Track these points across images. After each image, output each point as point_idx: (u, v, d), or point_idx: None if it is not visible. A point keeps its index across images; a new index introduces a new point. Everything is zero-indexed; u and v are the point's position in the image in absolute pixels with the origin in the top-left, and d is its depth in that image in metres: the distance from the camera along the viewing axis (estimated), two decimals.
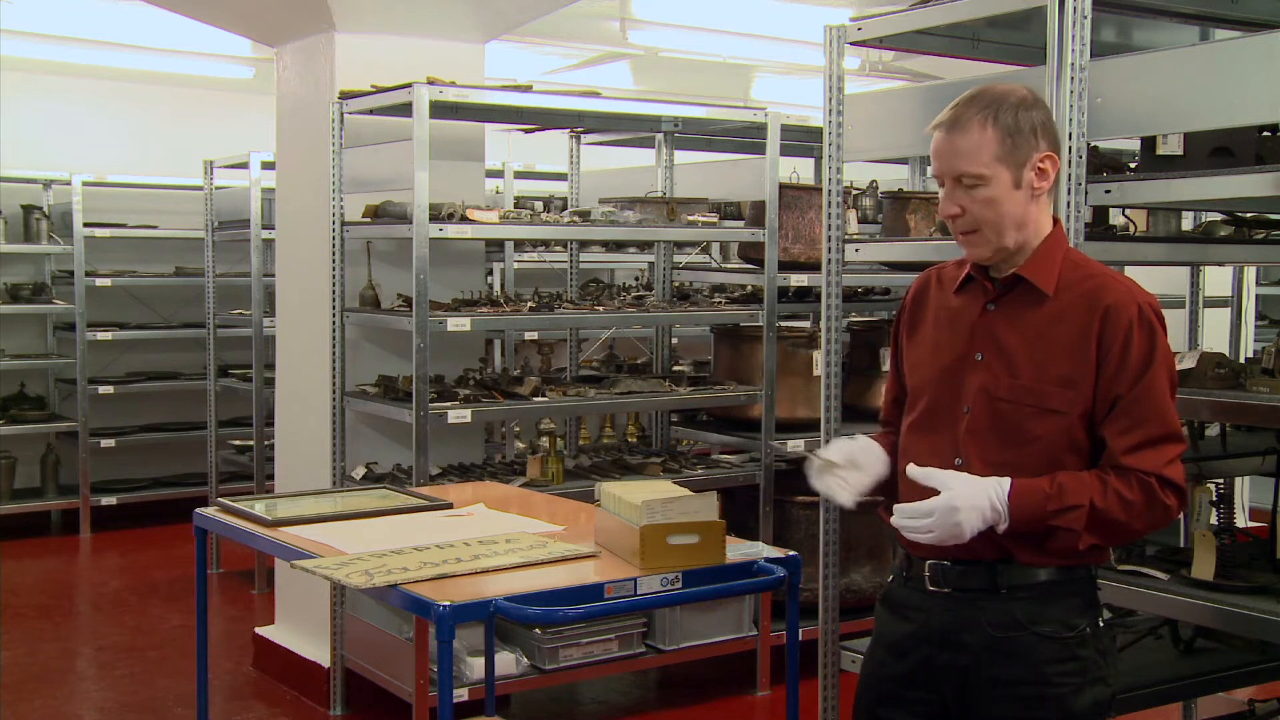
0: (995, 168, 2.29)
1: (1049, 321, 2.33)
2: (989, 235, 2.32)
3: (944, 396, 2.41)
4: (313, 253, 5.12)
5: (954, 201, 2.33)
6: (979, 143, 2.29)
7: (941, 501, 2.24)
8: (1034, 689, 2.31)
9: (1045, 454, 2.30)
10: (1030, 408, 2.31)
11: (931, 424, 2.43)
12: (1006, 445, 2.32)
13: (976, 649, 2.34)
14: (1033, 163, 2.31)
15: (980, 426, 2.35)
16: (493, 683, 3.89)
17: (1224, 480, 3.48)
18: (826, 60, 3.55)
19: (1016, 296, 2.37)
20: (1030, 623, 2.32)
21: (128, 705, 5.07)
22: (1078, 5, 2.90)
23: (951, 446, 2.38)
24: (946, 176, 2.33)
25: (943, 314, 2.47)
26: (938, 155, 2.34)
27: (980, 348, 2.38)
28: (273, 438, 5.68)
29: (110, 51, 7.66)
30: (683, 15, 7.10)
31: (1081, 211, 2.93)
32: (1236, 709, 4.02)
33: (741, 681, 5.17)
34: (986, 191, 2.30)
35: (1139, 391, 2.27)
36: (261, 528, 3.21)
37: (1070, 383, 2.29)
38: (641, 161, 6.41)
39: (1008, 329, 2.36)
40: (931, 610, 2.40)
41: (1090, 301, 2.31)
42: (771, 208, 5.25)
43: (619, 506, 2.90)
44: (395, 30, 5.04)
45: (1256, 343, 5.24)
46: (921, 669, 2.42)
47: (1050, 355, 2.31)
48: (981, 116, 2.29)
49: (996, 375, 2.35)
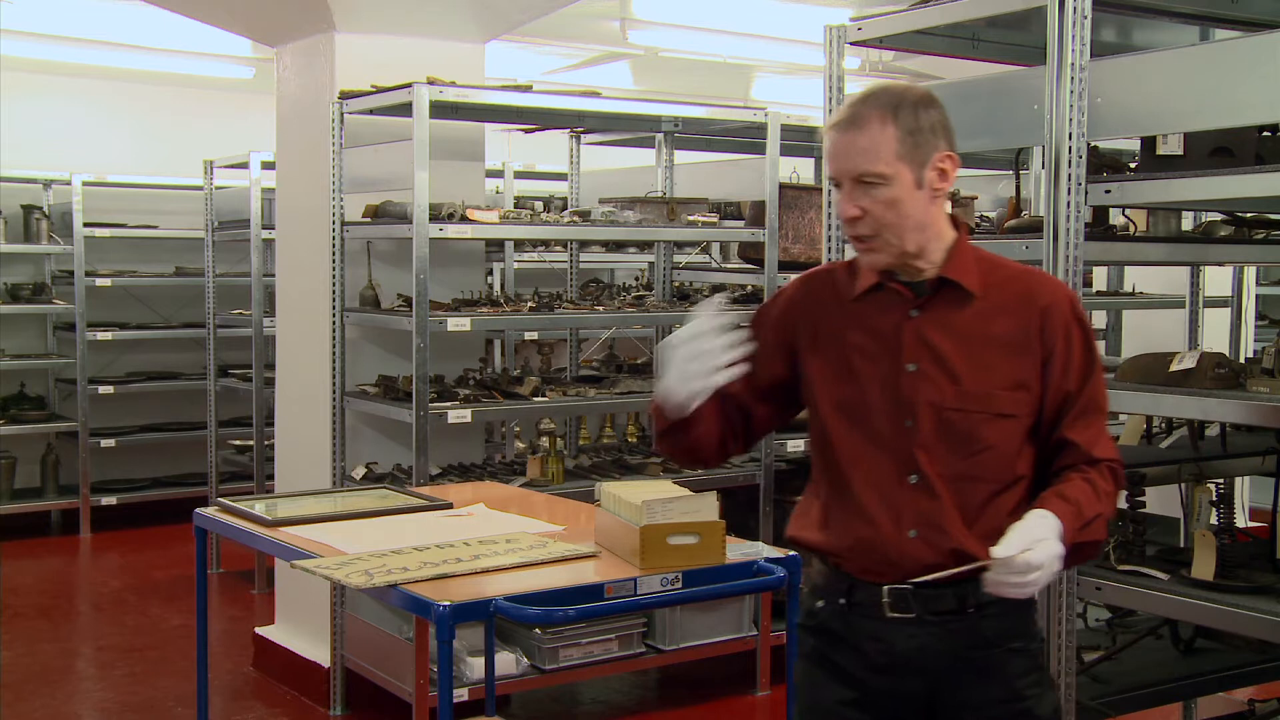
0: (897, 166, 2.19)
1: (982, 323, 2.25)
2: (890, 239, 2.22)
3: (878, 412, 2.27)
4: (313, 253, 5.12)
5: (854, 203, 2.21)
6: (879, 140, 2.19)
7: (1048, 552, 2.09)
8: (1008, 706, 2.26)
9: (999, 459, 2.25)
10: (981, 414, 2.23)
11: (871, 444, 2.27)
12: (960, 455, 2.23)
13: (946, 673, 2.26)
14: (933, 162, 2.22)
15: (931, 440, 2.23)
16: (493, 683, 3.90)
17: (1224, 480, 3.48)
18: (826, 60, 3.55)
19: (941, 300, 2.27)
20: (1001, 639, 2.26)
21: (128, 705, 5.07)
22: (1078, 5, 2.90)
23: (902, 464, 2.24)
24: (845, 177, 2.22)
25: (850, 325, 2.32)
26: (835, 155, 2.23)
27: (912, 358, 2.25)
28: (273, 438, 5.68)
29: (110, 51, 7.66)
30: (683, 15, 7.10)
31: (1081, 211, 2.93)
32: (1236, 709, 4.02)
33: (741, 681, 5.17)
34: (889, 192, 2.19)
35: (1089, 387, 2.27)
36: (261, 528, 3.21)
37: (1019, 385, 2.24)
38: (641, 161, 6.41)
39: (940, 335, 2.25)
40: (893, 638, 2.26)
41: (1024, 301, 2.26)
42: (771, 208, 5.25)
43: (619, 506, 2.90)
44: (395, 30, 5.04)
45: (1256, 343, 5.24)
46: (882, 697, 2.29)
47: (992, 358, 2.24)
48: (880, 114, 2.19)
49: (939, 385, 2.24)
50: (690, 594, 2.83)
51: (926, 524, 2.22)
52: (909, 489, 2.24)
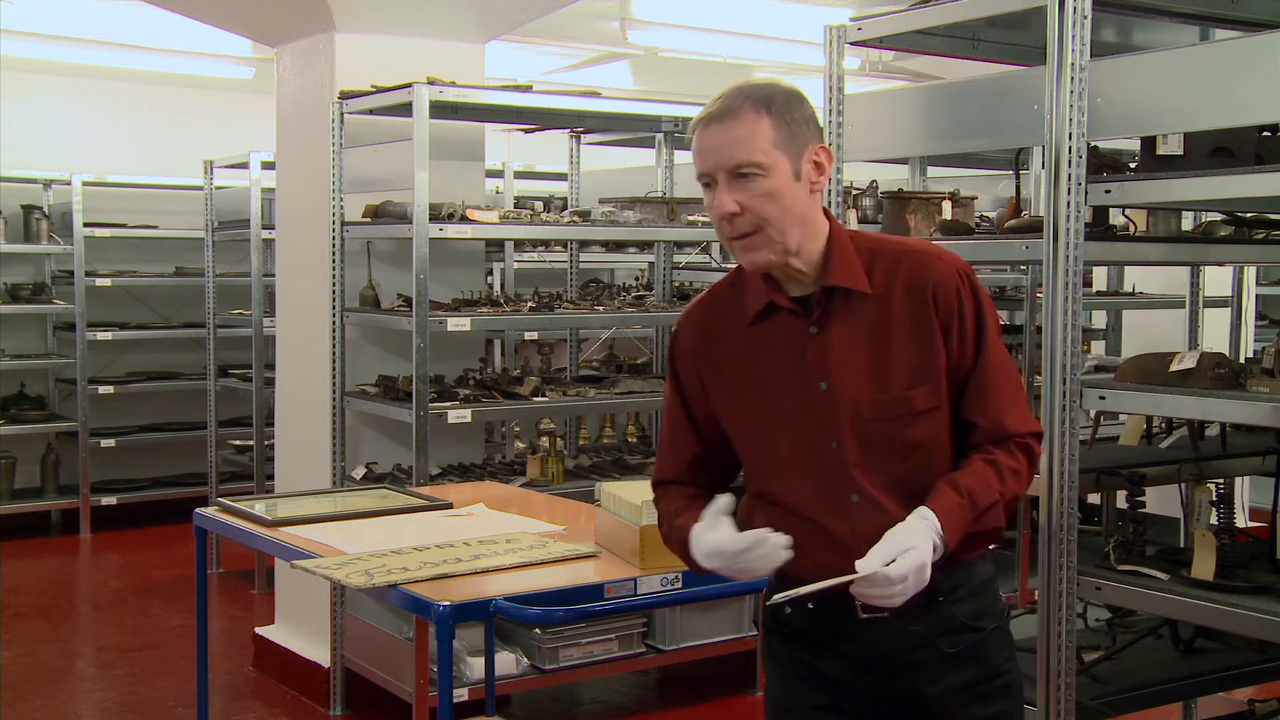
0: (775, 155, 2.11)
1: (881, 323, 2.17)
2: (772, 235, 2.12)
3: (801, 440, 2.19)
4: (313, 253, 5.12)
5: (731, 198, 2.12)
6: (755, 130, 2.11)
7: (912, 562, 2.03)
8: (990, 684, 2.25)
9: (931, 456, 2.18)
10: (902, 418, 2.16)
11: (805, 472, 2.19)
12: (892, 463, 2.17)
13: (928, 664, 2.21)
14: (809, 154, 2.14)
15: (860, 456, 2.16)
16: (493, 683, 3.90)
17: (1224, 480, 3.48)
18: (826, 60, 3.54)
19: (836, 309, 2.18)
20: (975, 621, 2.23)
21: (128, 705, 5.07)
22: (1078, 5, 2.90)
23: (839, 486, 2.17)
24: (720, 171, 2.12)
25: (749, 353, 2.23)
26: (708, 150, 2.14)
27: (820, 376, 2.17)
28: (273, 438, 5.68)
29: (110, 51, 7.66)
30: (683, 15, 7.10)
31: (1081, 211, 2.93)
32: (1236, 709, 4.02)
33: (741, 681, 5.17)
34: (767, 183, 2.10)
35: (985, 358, 2.18)
36: (261, 528, 3.21)
37: (929, 377, 2.16)
38: (641, 161, 6.41)
39: (843, 347, 2.17)
40: (868, 639, 2.21)
41: (913, 286, 2.17)
42: None
43: (619, 506, 2.90)
44: (395, 30, 5.04)
45: (1256, 343, 5.24)
46: (862, 698, 2.25)
47: (899, 356, 2.16)
48: (754, 104, 2.12)
49: (854, 397, 2.16)
50: (690, 594, 2.84)
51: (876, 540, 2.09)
52: (854, 508, 2.17)
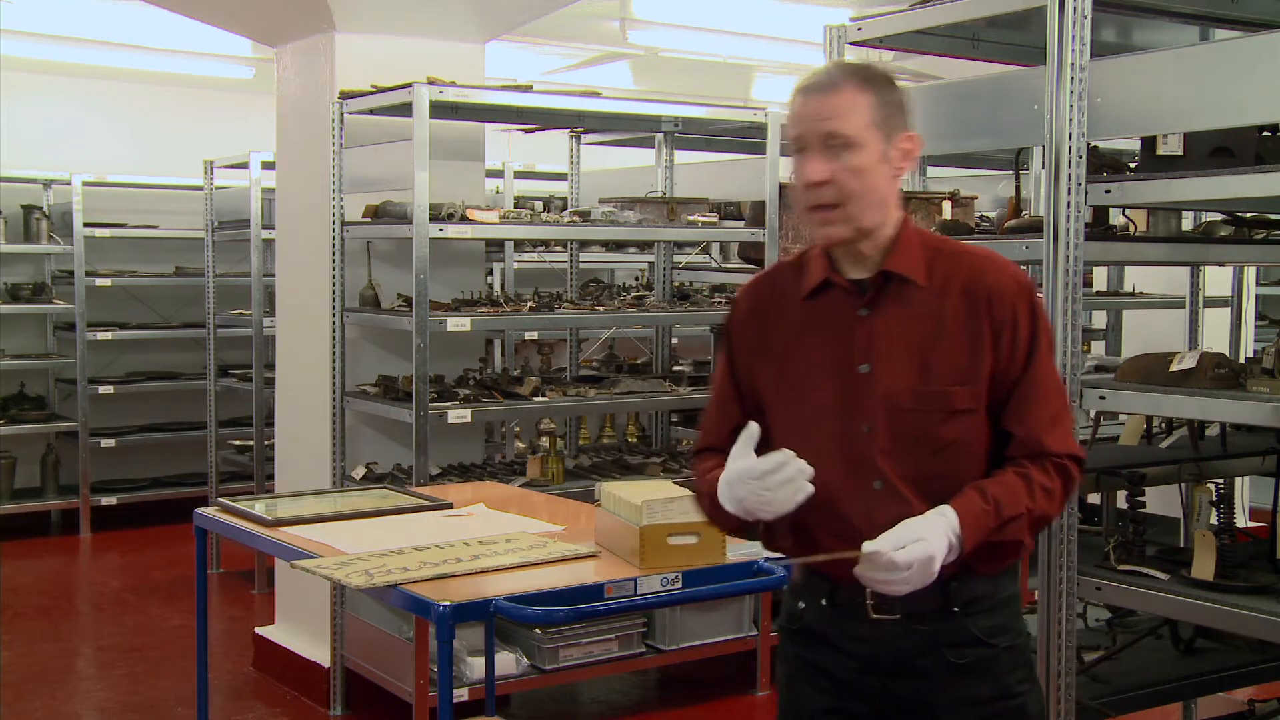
0: (869, 134, 2.11)
1: (932, 316, 2.17)
2: (853, 210, 2.13)
3: (834, 420, 2.19)
4: (313, 253, 5.12)
5: (821, 166, 2.11)
6: (854, 105, 2.11)
7: (919, 552, 2.03)
8: (1000, 704, 2.21)
9: (961, 457, 2.17)
10: (938, 413, 2.15)
11: (831, 453, 2.18)
12: (921, 456, 2.16)
13: (936, 673, 2.19)
14: (899, 140, 2.16)
15: (890, 444, 2.16)
16: (493, 683, 3.90)
17: (1224, 480, 3.48)
18: (826, 60, 3.54)
19: (889, 295, 2.19)
20: (990, 637, 2.20)
21: (128, 705, 5.07)
22: (1078, 5, 2.90)
23: (865, 470, 2.17)
24: (813, 137, 2.12)
25: (798, 329, 2.25)
26: (803, 118, 2.14)
27: (863, 359, 2.17)
28: (273, 438, 5.68)
29: (110, 51, 7.66)
30: (683, 15, 7.10)
31: (1081, 211, 2.93)
32: (1236, 709, 4.02)
33: (741, 681, 5.17)
34: (857, 159, 2.11)
35: (1034, 371, 2.17)
36: (261, 528, 3.21)
37: (971, 378, 2.15)
38: (641, 161, 6.41)
39: (890, 333, 2.18)
40: (878, 639, 2.20)
41: (971, 287, 2.17)
42: (771, 208, 5.25)
43: (619, 506, 2.90)
44: (395, 30, 5.04)
45: (1256, 343, 5.24)
46: (871, 701, 2.24)
47: (945, 353, 2.16)
48: (856, 81, 2.13)
49: (893, 385, 2.16)
50: (690, 594, 2.84)
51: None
52: (875, 494, 2.17)
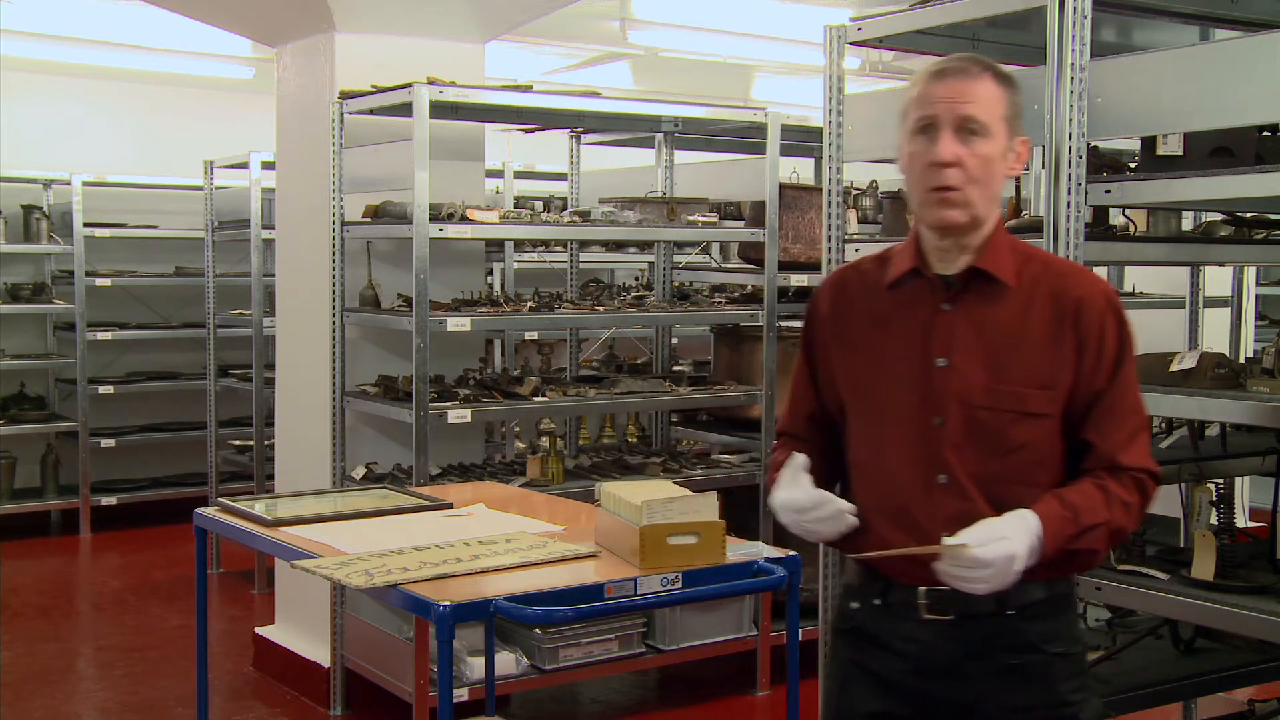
0: (1000, 126, 2.14)
1: (1016, 318, 2.18)
2: (973, 196, 2.14)
3: (906, 409, 2.20)
4: (313, 253, 5.12)
5: (953, 148, 2.12)
6: (994, 96, 2.14)
7: (1002, 551, 2.03)
8: (1051, 712, 2.19)
9: (1031, 461, 2.17)
10: (1011, 413, 2.15)
11: (899, 442, 2.21)
12: (990, 455, 2.16)
13: (987, 678, 2.18)
14: (1016, 142, 2.19)
15: (960, 438, 2.16)
16: (493, 683, 3.89)
17: (1224, 480, 3.48)
18: (826, 60, 3.55)
19: (975, 292, 2.20)
20: (1044, 643, 2.18)
21: (128, 705, 5.07)
22: (1078, 5, 2.90)
23: (931, 462, 2.18)
24: (947, 120, 2.12)
25: (878, 318, 2.27)
26: (940, 98, 2.13)
27: (942, 352, 2.18)
28: (273, 438, 5.68)
29: (110, 51, 7.66)
30: (683, 15, 7.10)
31: (1081, 211, 2.93)
32: (1236, 709, 4.02)
33: (741, 681, 5.17)
34: (987, 146, 2.13)
35: (1118, 386, 2.17)
36: (261, 528, 3.21)
37: (1050, 383, 2.16)
38: (641, 161, 6.41)
39: (971, 329, 2.18)
40: (929, 640, 2.19)
41: (1058, 295, 2.18)
42: (771, 208, 5.25)
43: (619, 506, 2.90)
44: (395, 30, 5.04)
45: (1256, 343, 5.24)
46: (918, 705, 2.23)
47: (1025, 355, 2.17)
48: (994, 75, 2.16)
49: (969, 381, 2.16)
50: (690, 594, 2.83)
51: (959, 526, 2.09)
52: (938, 488, 2.17)
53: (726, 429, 5.60)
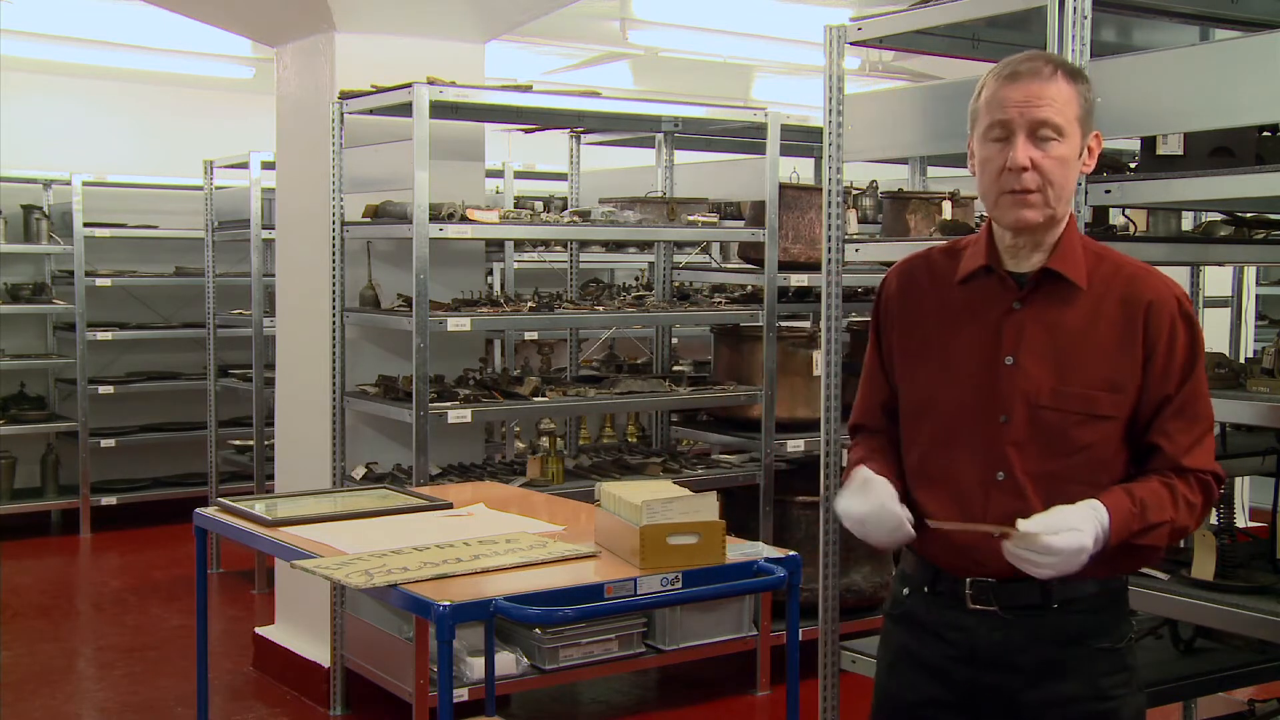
0: (1074, 127, 2.15)
1: (1086, 320, 2.18)
2: (1049, 197, 2.14)
3: (970, 405, 2.22)
4: (313, 253, 5.12)
5: (1028, 153, 2.12)
6: (1068, 96, 2.14)
7: (1072, 542, 2.05)
8: (1091, 705, 2.21)
9: (1093, 462, 2.17)
10: (1078, 415, 2.16)
11: (961, 436, 2.23)
12: (1052, 455, 2.18)
13: (1029, 669, 2.21)
14: (1090, 138, 2.20)
15: (1023, 437, 2.18)
16: (493, 683, 3.89)
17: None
18: (826, 60, 3.55)
19: (1046, 293, 2.20)
20: (1087, 637, 2.21)
21: (128, 705, 5.07)
22: (1078, 5, 2.90)
23: (992, 459, 2.20)
24: (1023, 122, 2.12)
25: (947, 312, 2.28)
26: (1013, 103, 2.13)
27: (1010, 350, 2.19)
28: (273, 438, 5.68)
29: (110, 51, 7.66)
30: (683, 15, 7.10)
31: (1081, 211, 2.93)
32: (1236, 709, 4.02)
33: (741, 681, 5.17)
34: (1063, 149, 2.13)
35: (1187, 390, 2.18)
36: (261, 528, 3.20)
37: (1118, 386, 2.16)
38: (641, 161, 6.41)
39: (1041, 329, 2.19)
40: (975, 630, 2.23)
41: (1129, 298, 2.18)
42: (771, 208, 5.25)
43: (619, 506, 2.89)
44: (395, 30, 5.04)
45: (1256, 343, 5.24)
46: (963, 692, 2.26)
47: (1093, 357, 2.17)
48: (1067, 74, 2.16)
49: (1036, 380, 2.17)
50: (690, 594, 2.83)
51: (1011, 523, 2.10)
52: (995, 486, 2.19)
53: (726, 429, 5.60)
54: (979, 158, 2.20)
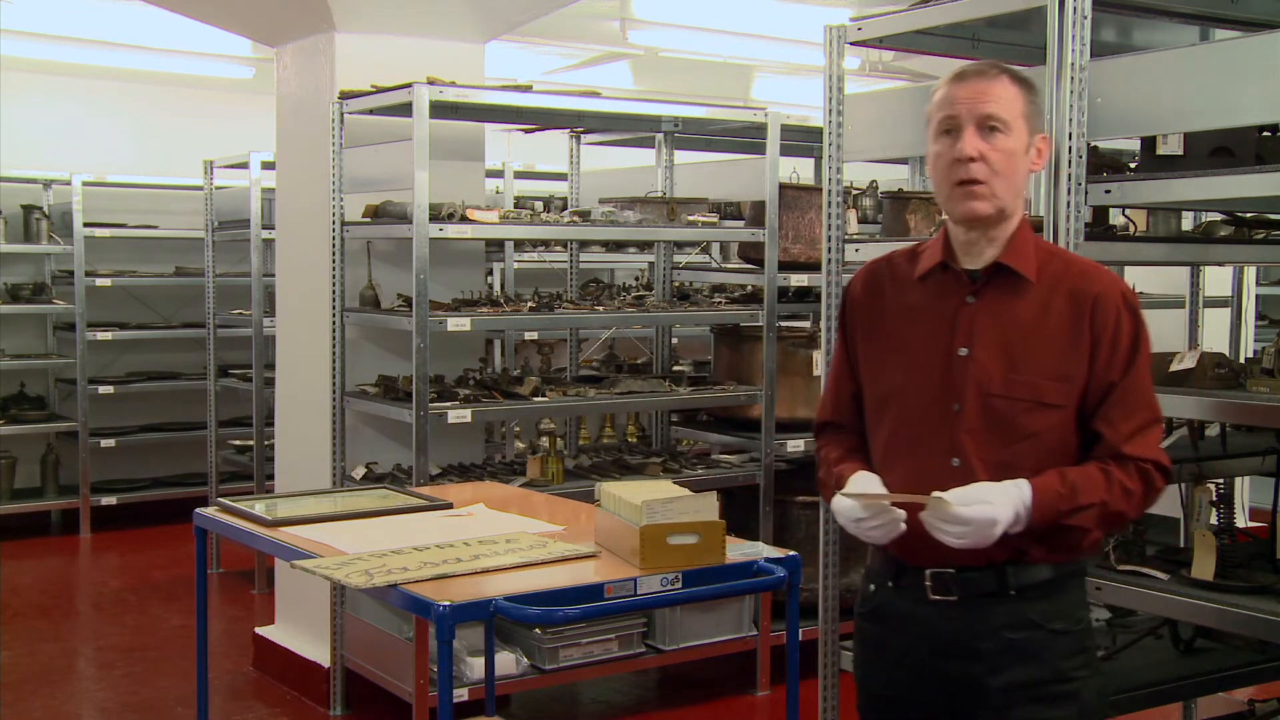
0: (1020, 123, 2.28)
1: (1036, 313, 2.29)
2: (997, 188, 2.27)
3: (927, 395, 2.33)
4: (313, 253, 5.12)
5: (976, 145, 2.25)
6: (1010, 94, 2.28)
7: (983, 514, 2.16)
8: (1054, 687, 2.30)
9: (1042, 449, 2.27)
10: (1026, 403, 2.27)
11: (918, 425, 2.34)
12: (1003, 442, 2.27)
13: (991, 655, 2.29)
14: (1037, 139, 2.33)
15: (975, 424, 2.28)
16: (493, 683, 3.89)
17: (1224, 480, 3.48)
18: (826, 60, 3.55)
19: (997, 287, 2.32)
20: (1044, 621, 2.29)
21: (128, 705, 5.07)
22: (1078, 5, 2.90)
23: (946, 447, 2.30)
24: (968, 120, 2.26)
25: (906, 309, 2.40)
26: (961, 99, 2.27)
27: (964, 342, 2.31)
28: (273, 438, 5.68)
29: (110, 51, 7.66)
30: (683, 15, 7.10)
31: (1081, 211, 2.93)
32: (1236, 709, 4.03)
33: (741, 681, 5.17)
34: (1009, 142, 2.26)
35: (1130, 379, 2.28)
36: (261, 528, 3.21)
37: (1065, 376, 2.27)
38: (641, 161, 6.41)
39: (992, 322, 2.31)
40: (936, 620, 2.33)
41: (1077, 291, 2.29)
42: (771, 208, 5.25)
43: (619, 506, 2.90)
44: (395, 30, 5.04)
45: (1256, 343, 5.24)
46: (931, 681, 2.35)
47: (1042, 348, 2.28)
48: (1011, 76, 2.30)
49: (988, 370, 2.29)
50: (690, 594, 2.83)
51: None
52: (951, 472, 2.28)
53: (726, 429, 5.60)
54: (932, 154, 2.33)
